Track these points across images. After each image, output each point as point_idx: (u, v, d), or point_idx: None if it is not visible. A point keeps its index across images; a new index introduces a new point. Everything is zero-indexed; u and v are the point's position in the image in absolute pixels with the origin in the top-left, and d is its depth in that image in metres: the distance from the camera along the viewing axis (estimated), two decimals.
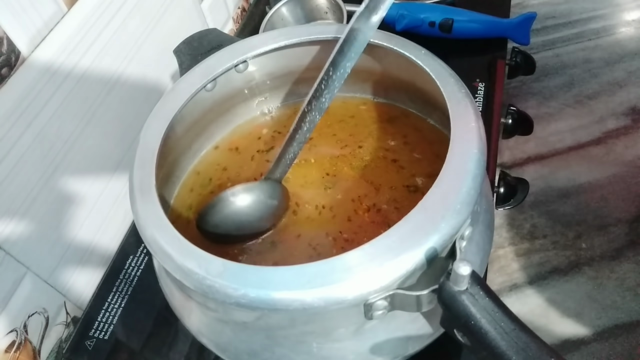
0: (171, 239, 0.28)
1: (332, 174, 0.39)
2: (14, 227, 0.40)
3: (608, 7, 0.94)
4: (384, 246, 0.25)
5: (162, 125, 0.34)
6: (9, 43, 0.38)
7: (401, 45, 0.35)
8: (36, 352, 0.43)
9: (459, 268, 0.23)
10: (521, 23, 0.60)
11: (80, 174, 0.47)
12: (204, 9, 0.63)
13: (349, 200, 0.37)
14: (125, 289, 0.47)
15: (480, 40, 0.61)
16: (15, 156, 0.40)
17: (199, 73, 0.37)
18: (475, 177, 0.27)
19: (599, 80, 0.81)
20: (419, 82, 0.36)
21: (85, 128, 0.46)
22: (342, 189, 0.38)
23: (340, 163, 0.40)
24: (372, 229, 0.35)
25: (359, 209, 0.37)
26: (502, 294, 0.63)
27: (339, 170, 0.39)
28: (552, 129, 0.77)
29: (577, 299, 0.62)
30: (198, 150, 0.42)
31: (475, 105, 0.31)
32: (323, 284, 0.25)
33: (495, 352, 0.24)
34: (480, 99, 0.56)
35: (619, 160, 0.73)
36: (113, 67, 0.49)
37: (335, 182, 0.39)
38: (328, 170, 0.39)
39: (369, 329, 0.29)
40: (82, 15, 0.44)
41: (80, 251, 0.48)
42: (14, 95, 0.39)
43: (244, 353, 0.31)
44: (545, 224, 0.68)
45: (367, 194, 0.37)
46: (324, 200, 0.38)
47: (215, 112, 0.41)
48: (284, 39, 0.38)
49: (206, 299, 0.27)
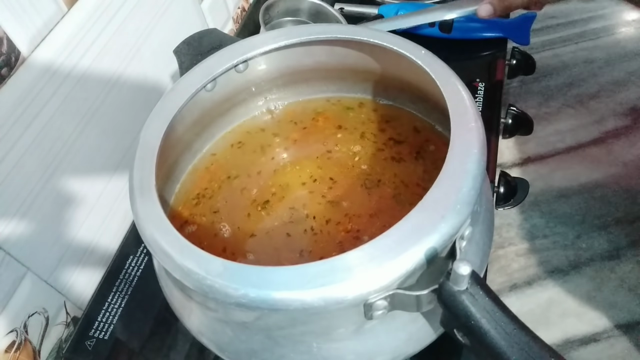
0: (171, 239, 0.28)
1: (331, 174, 0.39)
2: (14, 227, 0.40)
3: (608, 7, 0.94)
4: (384, 246, 0.25)
5: (162, 125, 0.34)
6: (9, 43, 0.38)
7: (401, 45, 0.35)
8: (36, 352, 0.43)
9: (459, 268, 0.23)
10: (521, 23, 0.60)
11: (80, 174, 0.47)
12: (204, 9, 0.63)
13: (347, 199, 0.37)
14: (125, 289, 0.47)
15: (480, 40, 0.61)
16: (15, 156, 0.40)
17: (199, 73, 0.37)
18: (475, 177, 0.27)
19: (599, 80, 0.81)
20: (419, 82, 0.36)
21: (85, 128, 0.46)
22: (341, 189, 0.38)
23: (339, 162, 0.40)
24: (371, 229, 0.35)
25: (358, 209, 0.37)
26: (502, 294, 0.63)
27: (337, 170, 0.39)
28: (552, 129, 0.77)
29: (577, 299, 0.62)
30: (198, 150, 0.42)
31: (475, 105, 0.31)
32: (323, 284, 0.25)
33: (495, 352, 0.24)
34: (480, 99, 0.56)
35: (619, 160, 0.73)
36: (113, 67, 0.49)
37: (334, 182, 0.39)
38: (327, 169, 0.40)
39: (369, 329, 0.29)
40: (82, 15, 0.44)
41: (80, 251, 0.48)
42: (14, 95, 0.39)
43: (244, 353, 0.31)
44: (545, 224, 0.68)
45: (366, 193, 0.37)
46: (319, 199, 0.38)
47: (215, 112, 0.41)
48: (284, 39, 0.38)
49: (206, 299, 0.27)
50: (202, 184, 0.40)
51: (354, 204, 0.37)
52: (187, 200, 0.39)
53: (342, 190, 0.38)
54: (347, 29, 0.38)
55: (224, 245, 0.37)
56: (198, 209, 0.39)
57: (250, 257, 0.36)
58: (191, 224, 0.38)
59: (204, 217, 0.38)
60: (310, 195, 0.38)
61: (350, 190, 0.38)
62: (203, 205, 0.39)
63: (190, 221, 0.38)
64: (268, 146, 0.42)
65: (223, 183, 0.40)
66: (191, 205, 0.39)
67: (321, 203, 0.38)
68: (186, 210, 0.39)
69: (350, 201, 0.37)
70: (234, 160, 0.41)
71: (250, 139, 0.43)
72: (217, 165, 0.41)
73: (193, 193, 0.40)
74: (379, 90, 0.42)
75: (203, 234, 0.37)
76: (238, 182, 0.40)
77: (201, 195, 0.39)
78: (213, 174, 0.41)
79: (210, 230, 0.37)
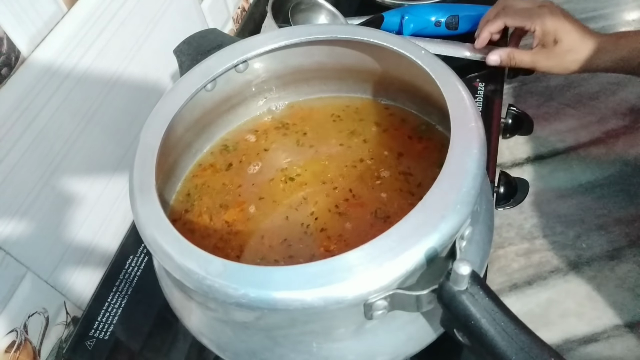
0: (171, 239, 0.28)
1: (331, 174, 0.39)
2: (14, 227, 0.40)
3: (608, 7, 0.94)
4: (384, 246, 0.25)
5: (162, 125, 0.34)
6: (9, 43, 0.38)
7: (401, 45, 0.35)
8: (36, 352, 0.43)
9: (459, 268, 0.23)
10: None
11: (80, 174, 0.47)
12: (204, 9, 0.63)
13: (345, 199, 0.37)
14: (125, 289, 0.47)
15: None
16: (15, 156, 0.40)
17: (199, 73, 0.37)
18: (475, 177, 0.27)
19: (599, 80, 0.81)
20: (419, 82, 0.36)
21: (85, 128, 0.46)
22: (339, 189, 0.38)
23: (340, 162, 0.40)
24: (372, 228, 0.35)
25: (356, 208, 0.37)
26: (502, 294, 0.63)
27: (338, 170, 0.39)
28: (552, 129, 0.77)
29: (577, 299, 0.62)
30: (198, 150, 0.42)
31: (475, 105, 0.31)
32: (323, 284, 0.25)
33: (495, 352, 0.24)
34: (480, 99, 0.56)
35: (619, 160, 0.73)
36: (113, 67, 0.49)
37: (334, 182, 0.39)
38: (327, 169, 0.39)
39: (369, 329, 0.29)
40: (82, 15, 0.44)
41: (80, 251, 0.48)
42: (14, 95, 0.39)
43: (244, 353, 0.31)
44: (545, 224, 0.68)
45: (366, 193, 0.37)
46: (318, 197, 0.38)
47: (215, 112, 0.41)
48: (284, 39, 0.38)
49: (206, 299, 0.27)
50: (202, 184, 0.40)
51: (356, 200, 0.37)
52: (187, 200, 0.39)
53: (344, 188, 0.38)
54: (347, 29, 0.38)
55: (224, 245, 0.37)
56: (198, 209, 0.39)
57: (251, 257, 0.36)
58: (191, 223, 0.38)
59: (204, 217, 0.38)
60: (310, 196, 0.38)
61: (353, 187, 0.38)
62: (203, 205, 0.39)
63: (191, 221, 0.38)
64: (268, 146, 0.42)
65: (223, 183, 0.40)
66: (191, 205, 0.39)
67: (321, 203, 0.38)
68: (186, 210, 0.39)
69: (352, 198, 0.37)
70: (234, 161, 0.41)
71: (250, 138, 0.43)
72: (217, 165, 0.41)
73: (193, 193, 0.40)
74: (379, 90, 0.42)
75: (203, 233, 0.37)
76: (238, 182, 0.40)
77: (201, 195, 0.39)
78: (213, 174, 0.41)
79: (211, 230, 0.37)
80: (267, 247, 0.36)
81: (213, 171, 0.41)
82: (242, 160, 0.41)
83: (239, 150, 0.42)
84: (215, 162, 0.41)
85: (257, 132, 0.43)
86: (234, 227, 0.37)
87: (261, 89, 0.42)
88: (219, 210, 0.38)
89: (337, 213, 0.37)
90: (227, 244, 0.36)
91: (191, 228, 0.38)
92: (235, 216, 0.38)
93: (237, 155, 0.42)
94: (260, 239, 0.36)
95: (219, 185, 0.40)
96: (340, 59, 0.40)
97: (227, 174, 0.41)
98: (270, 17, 0.59)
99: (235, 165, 0.41)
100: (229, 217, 0.38)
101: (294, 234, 0.36)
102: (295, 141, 0.42)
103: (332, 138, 0.41)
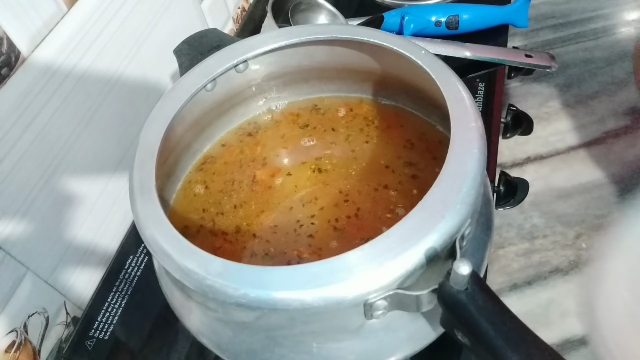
0: (171, 239, 0.28)
1: (332, 173, 0.39)
2: (14, 227, 0.40)
3: (608, 7, 0.94)
4: (384, 246, 0.25)
5: (162, 125, 0.34)
6: (9, 43, 0.38)
7: (401, 45, 0.35)
8: (36, 352, 0.43)
9: (458, 268, 0.23)
10: (519, 7, 0.62)
11: (80, 174, 0.47)
12: (204, 9, 0.63)
13: (344, 199, 0.37)
14: (125, 289, 0.47)
15: (482, 37, 0.62)
16: (15, 156, 0.40)
17: (199, 73, 0.37)
18: (475, 177, 0.27)
19: (599, 80, 0.81)
20: (419, 82, 0.36)
21: (85, 128, 0.46)
22: (339, 188, 0.38)
23: (340, 162, 0.40)
24: (371, 228, 0.35)
25: (356, 208, 0.37)
26: (502, 294, 0.63)
27: (338, 170, 0.39)
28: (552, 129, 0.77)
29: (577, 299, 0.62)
30: (198, 150, 0.42)
31: (475, 105, 0.31)
32: (323, 284, 0.25)
33: (495, 352, 0.24)
34: (480, 99, 0.56)
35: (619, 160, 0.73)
36: (113, 67, 0.49)
37: (332, 181, 0.39)
38: (328, 169, 0.40)
39: (369, 329, 0.29)
40: (82, 15, 0.44)
41: (80, 251, 0.48)
42: (14, 95, 0.39)
43: (244, 353, 0.31)
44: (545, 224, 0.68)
45: (365, 193, 0.37)
46: (317, 195, 0.38)
47: (216, 112, 0.41)
48: (284, 39, 0.38)
49: (206, 299, 0.27)
50: (202, 184, 0.40)
51: (354, 201, 0.37)
52: (187, 200, 0.39)
53: (343, 189, 0.38)
54: (347, 29, 0.38)
55: (225, 245, 0.37)
56: (198, 209, 0.39)
57: (251, 257, 0.36)
58: (191, 223, 0.38)
59: (204, 217, 0.38)
60: (310, 196, 0.38)
61: (351, 189, 0.38)
62: (203, 205, 0.39)
63: (191, 221, 0.38)
64: (268, 146, 0.42)
65: (223, 183, 0.40)
66: (191, 205, 0.39)
67: (322, 203, 0.38)
68: (186, 210, 0.39)
69: (350, 199, 0.37)
70: (233, 161, 0.41)
71: (250, 138, 0.43)
72: (217, 165, 0.41)
73: (193, 193, 0.40)
74: (379, 90, 0.42)
75: (203, 233, 0.37)
76: (238, 182, 0.40)
77: (201, 195, 0.39)
78: (213, 174, 0.41)
79: (211, 230, 0.37)
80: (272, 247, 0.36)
81: (213, 171, 0.41)
82: (242, 160, 0.41)
83: (238, 150, 0.42)
84: (215, 162, 0.41)
85: (257, 132, 0.43)
86: (235, 228, 0.37)
87: (261, 89, 0.42)
88: (219, 210, 0.38)
89: (333, 227, 0.36)
90: (228, 244, 0.37)
91: (192, 228, 0.38)
92: (235, 216, 0.38)
93: (237, 155, 0.42)
94: (265, 236, 0.36)
95: (219, 185, 0.40)
96: (340, 59, 0.40)
97: (227, 174, 0.41)
98: (270, 17, 0.59)
99: (235, 165, 0.41)
100: (229, 217, 0.38)
101: (285, 224, 0.36)
102: (296, 141, 0.42)
103: (332, 138, 0.41)
